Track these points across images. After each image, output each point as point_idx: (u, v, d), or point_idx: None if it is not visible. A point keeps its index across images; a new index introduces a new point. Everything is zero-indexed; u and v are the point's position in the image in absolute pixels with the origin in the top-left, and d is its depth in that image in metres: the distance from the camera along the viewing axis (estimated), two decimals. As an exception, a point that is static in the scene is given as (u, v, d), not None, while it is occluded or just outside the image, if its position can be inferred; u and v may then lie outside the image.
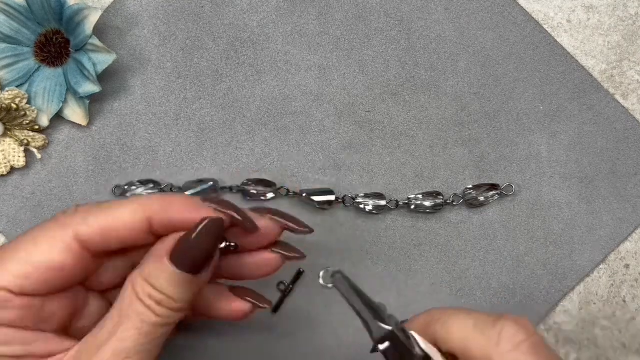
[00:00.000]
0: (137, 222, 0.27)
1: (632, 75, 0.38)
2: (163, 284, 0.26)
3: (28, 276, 0.26)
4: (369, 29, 0.38)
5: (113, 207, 0.27)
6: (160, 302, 0.26)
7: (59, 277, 0.27)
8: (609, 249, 0.37)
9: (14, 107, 0.36)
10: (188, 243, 0.26)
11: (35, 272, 0.26)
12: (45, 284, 0.27)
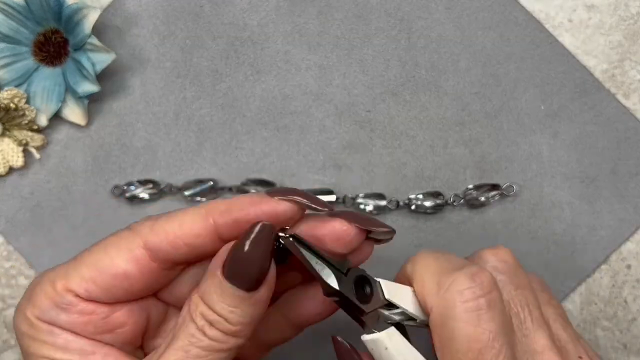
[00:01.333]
0: (203, 227, 0.25)
1: (634, 75, 0.38)
2: (216, 301, 0.24)
3: (94, 280, 0.25)
4: (369, 28, 0.38)
5: (179, 214, 0.26)
6: (213, 323, 0.24)
7: (123, 286, 0.26)
8: (611, 249, 0.37)
9: (12, 106, 0.36)
10: (238, 253, 0.23)
11: (101, 277, 0.25)
12: (109, 292, 0.26)
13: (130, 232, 0.26)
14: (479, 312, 0.24)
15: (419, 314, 0.26)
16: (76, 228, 0.37)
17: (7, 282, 0.37)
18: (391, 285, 0.26)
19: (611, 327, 0.37)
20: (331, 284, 0.24)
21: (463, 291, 0.24)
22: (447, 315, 0.24)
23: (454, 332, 0.24)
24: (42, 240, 0.37)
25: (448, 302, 0.24)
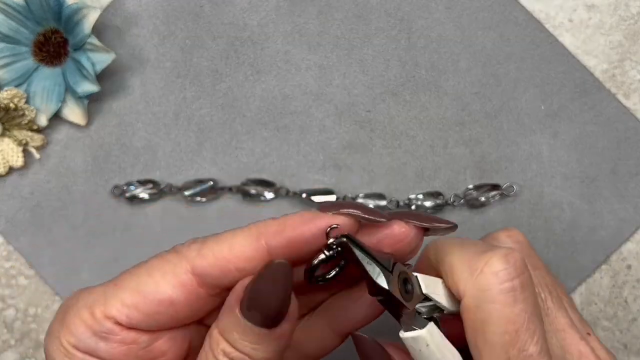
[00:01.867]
0: (254, 249, 0.24)
1: (634, 75, 0.38)
2: (237, 339, 0.23)
3: (136, 306, 0.24)
4: (369, 28, 0.38)
5: (228, 236, 0.25)
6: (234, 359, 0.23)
7: (168, 313, 0.24)
8: (611, 249, 0.37)
9: (12, 106, 0.36)
10: (255, 291, 0.23)
11: (144, 303, 0.24)
12: (152, 318, 0.24)
13: (177, 255, 0.25)
14: (514, 292, 0.23)
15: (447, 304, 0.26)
16: (76, 228, 0.37)
17: (7, 282, 0.37)
18: (426, 279, 0.26)
19: (611, 327, 0.37)
20: (382, 285, 0.24)
21: (498, 273, 0.23)
22: (483, 298, 0.23)
23: (491, 315, 0.23)
24: (42, 240, 0.37)
25: (483, 284, 0.23)
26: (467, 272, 0.24)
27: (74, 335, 0.24)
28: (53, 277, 0.37)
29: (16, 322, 0.37)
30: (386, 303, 0.25)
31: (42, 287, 0.37)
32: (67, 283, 0.37)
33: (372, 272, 0.24)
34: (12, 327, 0.37)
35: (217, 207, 0.37)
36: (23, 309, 0.37)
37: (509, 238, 0.29)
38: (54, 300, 0.37)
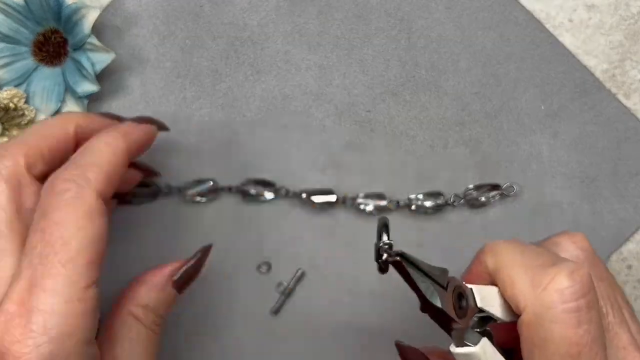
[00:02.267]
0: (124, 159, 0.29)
1: (634, 75, 0.38)
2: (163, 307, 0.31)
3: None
4: (369, 28, 0.38)
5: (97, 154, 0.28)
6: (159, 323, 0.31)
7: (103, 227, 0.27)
8: (611, 249, 0.37)
9: (12, 106, 0.36)
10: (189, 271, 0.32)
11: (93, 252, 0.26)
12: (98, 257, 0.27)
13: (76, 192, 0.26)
14: (579, 313, 0.23)
15: (502, 315, 0.25)
16: (76, 228, 0.37)
17: (7, 283, 0.37)
18: (481, 290, 0.25)
19: (611, 327, 0.37)
20: (436, 304, 0.24)
21: (563, 291, 0.23)
22: (544, 316, 0.23)
23: (552, 334, 0.23)
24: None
25: (546, 302, 0.23)
26: (529, 287, 0.23)
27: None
28: (53, 277, 0.37)
29: (16, 323, 0.37)
30: (437, 319, 0.25)
31: (42, 287, 0.37)
32: (66, 283, 0.37)
33: (426, 291, 0.24)
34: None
35: (217, 207, 0.37)
36: (23, 309, 0.37)
37: (573, 244, 0.27)
38: (53, 300, 0.37)
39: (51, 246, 0.25)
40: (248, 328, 0.37)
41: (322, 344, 0.37)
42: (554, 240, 0.28)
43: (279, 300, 0.37)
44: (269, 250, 0.37)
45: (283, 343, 0.37)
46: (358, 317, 0.37)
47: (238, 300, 0.37)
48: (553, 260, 0.24)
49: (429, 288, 0.24)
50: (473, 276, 0.27)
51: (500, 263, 0.25)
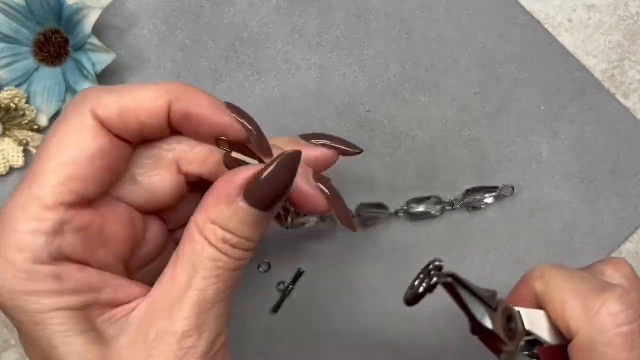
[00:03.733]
0: (158, 106, 0.25)
1: (634, 75, 0.38)
2: (237, 225, 0.24)
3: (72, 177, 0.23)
4: (369, 28, 0.38)
5: (134, 88, 0.25)
6: (235, 245, 0.24)
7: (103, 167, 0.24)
8: (610, 249, 0.37)
9: (13, 106, 0.36)
10: (265, 180, 0.24)
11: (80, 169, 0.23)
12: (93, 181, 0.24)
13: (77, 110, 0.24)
14: (633, 337, 0.23)
15: (549, 338, 0.25)
16: (76, 228, 0.37)
17: (8, 282, 0.37)
18: (529, 314, 0.25)
19: (611, 327, 0.37)
20: (487, 326, 0.24)
21: (616, 315, 0.23)
22: (598, 339, 0.23)
23: (605, 357, 0.23)
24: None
25: (599, 326, 0.23)
26: (581, 311, 0.24)
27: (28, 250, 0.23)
28: (54, 277, 0.37)
29: (17, 322, 0.37)
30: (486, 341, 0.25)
31: (43, 287, 0.37)
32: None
33: (477, 312, 0.24)
34: (12, 326, 0.37)
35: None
36: (24, 309, 0.37)
37: (617, 273, 0.28)
38: (54, 300, 0.37)
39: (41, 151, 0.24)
40: (248, 327, 0.37)
41: (321, 343, 0.37)
42: (598, 268, 0.28)
43: (279, 299, 0.37)
44: (269, 250, 0.37)
45: (282, 342, 0.37)
46: (358, 317, 0.37)
47: (238, 299, 0.37)
48: (602, 285, 0.25)
49: (479, 310, 0.24)
50: (519, 299, 0.27)
51: (550, 287, 0.26)
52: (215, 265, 0.24)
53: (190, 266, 0.24)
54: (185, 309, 0.24)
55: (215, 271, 0.24)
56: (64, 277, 0.23)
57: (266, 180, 0.24)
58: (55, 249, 0.23)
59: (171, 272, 0.24)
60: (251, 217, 0.24)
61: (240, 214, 0.24)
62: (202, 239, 0.24)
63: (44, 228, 0.23)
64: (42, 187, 0.23)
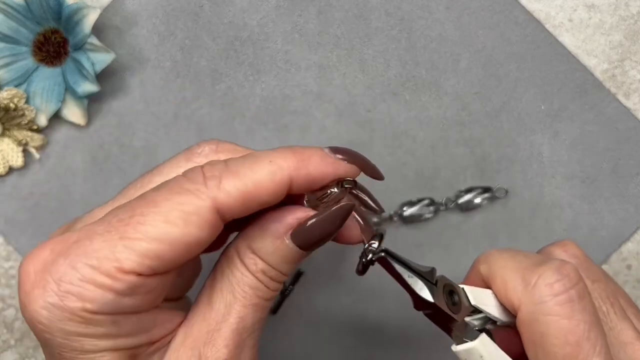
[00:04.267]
0: (279, 185, 0.24)
1: (634, 75, 0.38)
2: (278, 260, 0.24)
3: (160, 256, 0.22)
4: (369, 28, 0.38)
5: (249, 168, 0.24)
6: (272, 278, 0.25)
7: (194, 251, 0.23)
8: (611, 249, 0.37)
9: (12, 106, 0.35)
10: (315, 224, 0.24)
11: (169, 251, 0.22)
12: (178, 261, 0.23)
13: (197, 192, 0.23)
14: (571, 304, 0.23)
15: (501, 316, 0.25)
16: (76, 228, 0.37)
17: (7, 282, 0.37)
18: (474, 291, 0.26)
19: (612, 327, 0.37)
20: (426, 298, 0.24)
21: (552, 284, 0.23)
22: (538, 311, 0.23)
23: (548, 327, 0.23)
24: (42, 241, 0.37)
25: (537, 297, 0.23)
26: (521, 286, 0.24)
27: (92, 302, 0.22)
28: (53, 277, 0.37)
29: (16, 322, 0.37)
30: (434, 317, 0.25)
31: (42, 287, 0.37)
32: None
33: (415, 286, 0.24)
34: (12, 327, 0.37)
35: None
36: (23, 309, 0.37)
37: (564, 252, 0.28)
38: (53, 300, 0.37)
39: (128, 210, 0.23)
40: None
41: (321, 343, 0.37)
42: (545, 250, 0.29)
43: (278, 299, 0.37)
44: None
45: (282, 342, 0.37)
46: (357, 317, 0.37)
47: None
48: (540, 260, 0.25)
49: (417, 283, 0.24)
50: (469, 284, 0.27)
51: (493, 268, 0.26)
52: (254, 293, 0.24)
53: (229, 292, 0.24)
54: (226, 336, 0.24)
55: (254, 299, 0.24)
56: (122, 322, 0.23)
57: (317, 225, 0.24)
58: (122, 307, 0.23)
59: (207, 298, 0.25)
60: (292, 254, 0.25)
61: (283, 250, 0.25)
62: (242, 266, 0.24)
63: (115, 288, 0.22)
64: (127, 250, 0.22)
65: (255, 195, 0.23)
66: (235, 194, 0.23)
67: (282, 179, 0.24)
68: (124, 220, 0.22)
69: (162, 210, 0.22)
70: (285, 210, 0.25)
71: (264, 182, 0.23)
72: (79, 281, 0.22)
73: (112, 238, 0.22)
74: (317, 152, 0.25)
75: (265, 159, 0.24)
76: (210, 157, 0.26)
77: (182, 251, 0.23)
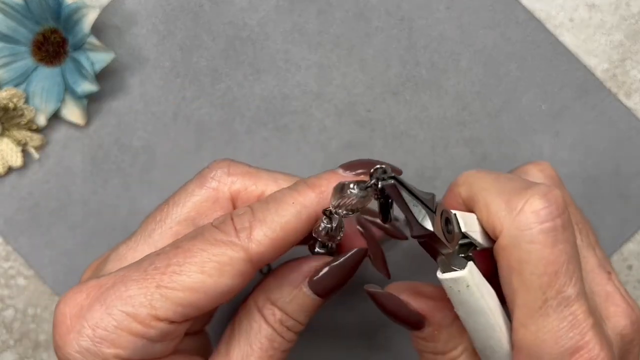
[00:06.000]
0: (305, 224, 0.25)
1: (635, 75, 0.38)
2: (295, 309, 0.26)
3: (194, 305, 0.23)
4: (369, 27, 0.38)
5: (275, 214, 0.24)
6: (290, 328, 0.26)
7: (225, 299, 0.24)
8: (612, 249, 0.37)
9: (11, 106, 0.35)
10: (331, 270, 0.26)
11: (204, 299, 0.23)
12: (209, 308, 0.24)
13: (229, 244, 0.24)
14: (555, 232, 0.23)
15: (482, 241, 0.25)
16: (75, 228, 0.37)
17: (6, 283, 0.37)
18: (463, 216, 0.25)
19: (613, 327, 0.37)
20: (428, 227, 0.23)
21: (539, 212, 0.23)
22: (522, 237, 0.23)
23: (529, 255, 0.23)
24: (41, 241, 0.37)
25: (523, 224, 0.23)
26: (505, 210, 0.23)
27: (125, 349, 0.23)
28: (52, 277, 0.37)
29: (15, 323, 0.37)
30: (426, 244, 0.24)
31: (41, 287, 0.37)
32: (66, 283, 0.37)
33: (418, 215, 0.23)
34: (11, 327, 0.37)
35: (217, 207, 0.37)
36: (22, 310, 0.37)
37: (541, 172, 0.28)
38: (53, 300, 0.37)
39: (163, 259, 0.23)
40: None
41: (320, 343, 0.37)
42: (521, 169, 0.28)
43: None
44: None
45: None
46: (357, 317, 0.37)
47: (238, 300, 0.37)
48: (526, 184, 0.24)
49: (421, 212, 0.23)
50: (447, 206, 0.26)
51: (474, 190, 0.25)
52: (270, 345, 0.25)
53: (247, 344, 0.25)
54: None
55: (270, 351, 0.25)
56: None
57: (333, 272, 0.26)
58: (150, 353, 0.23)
59: (225, 348, 0.25)
60: (310, 303, 0.26)
61: (301, 298, 0.26)
62: (260, 318, 0.25)
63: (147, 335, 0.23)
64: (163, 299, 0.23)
65: (284, 238, 0.24)
66: (266, 241, 0.24)
67: (308, 216, 0.25)
68: (160, 268, 0.23)
69: (198, 260, 0.23)
70: (301, 261, 0.26)
71: (291, 224, 0.24)
72: (114, 328, 0.23)
73: (148, 286, 0.23)
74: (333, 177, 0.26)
75: (288, 200, 0.25)
76: (223, 181, 0.27)
77: (215, 299, 0.23)
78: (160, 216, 0.27)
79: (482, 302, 0.24)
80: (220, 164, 0.28)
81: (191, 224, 0.27)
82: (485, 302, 0.24)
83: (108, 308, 0.23)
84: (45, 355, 0.37)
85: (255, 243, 0.24)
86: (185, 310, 0.23)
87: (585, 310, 0.23)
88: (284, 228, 0.24)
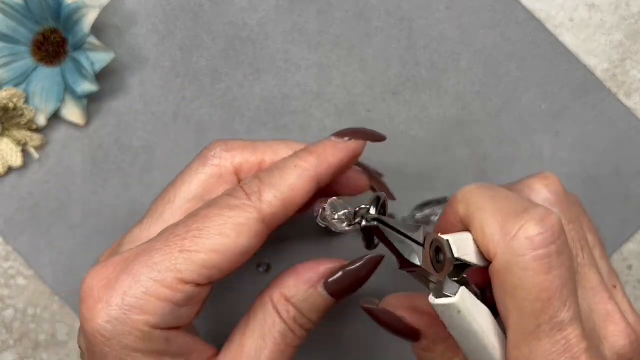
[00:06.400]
0: (309, 184, 0.27)
1: (635, 75, 0.38)
2: (309, 307, 0.27)
3: (217, 266, 0.24)
4: (369, 27, 0.38)
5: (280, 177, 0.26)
6: (302, 325, 0.27)
7: (244, 259, 0.26)
8: (612, 249, 0.37)
9: (11, 106, 0.35)
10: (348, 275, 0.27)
11: (226, 261, 0.24)
12: (230, 269, 0.25)
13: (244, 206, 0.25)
14: (550, 259, 0.23)
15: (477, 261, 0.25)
16: (74, 228, 0.37)
17: (6, 283, 0.37)
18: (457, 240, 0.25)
19: (613, 327, 0.37)
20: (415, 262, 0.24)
21: (533, 239, 0.23)
22: (515, 263, 0.23)
23: (523, 281, 0.23)
24: (41, 241, 0.37)
25: (516, 250, 0.23)
26: (500, 235, 0.23)
27: (153, 315, 0.24)
28: (52, 277, 0.37)
29: (15, 323, 0.37)
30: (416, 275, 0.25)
31: (41, 287, 0.37)
32: (66, 283, 0.37)
33: (404, 251, 0.24)
34: (11, 327, 0.37)
35: (217, 207, 0.37)
36: (22, 309, 0.37)
37: (545, 188, 0.27)
38: (53, 300, 0.37)
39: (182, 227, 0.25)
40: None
41: (320, 343, 0.37)
42: (526, 183, 0.28)
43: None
44: (269, 250, 0.37)
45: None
46: (357, 317, 0.37)
47: (237, 300, 0.37)
48: (523, 206, 0.24)
49: (407, 248, 0.24)
50: (447, 225, 0.26)
51: (471, 209, 0.25)
52: (283, 340, 0.26)
53: (260, 338, 0.26)
54: None
55: (282, 346, 0.26)
56: (171, 340, 0.25)
57: (348, 275, 0.27)
58: (176, 318, 0.24)
59: (239, 340, 0.26)
60: (323, 303, 0.27)
61: (315, 298, 0.27)
62: (275, 313, 0.26)
63: (175, 299, 0.24)
64: (187, 262, 0.24)
65: (292, 198, 0.26)
66: (276, 202, 0.26)
67: (310, 177, 0.26)
68: (181, 235, 0.25)
69: (216, 224, 0.25)
70: (318, 261, 0.28)
71: (297, 185, 0.26)
72: (143, 294, 0.24)
73: (171, 252, 0.24)
74: (328, 143, 0.28)
75: (290, 165, 0.26)
76: (224, 157, 0.29)
77: (235, 259, 0.25)
78: (168, 197, 0.28)
79: (475, 326, 0.24)
80: (218, 143, 0.29)
81: (200, 201, 0.28)
82: (478, 325, 0.24)
83: (135, 277, 0.24)
84: (45, 355, 0.37)
85: (267, 204, 0.25)
86: (209, 272, 0.24)
87: (579, 335, 0.23)
88: (290, 189, 0.26)
